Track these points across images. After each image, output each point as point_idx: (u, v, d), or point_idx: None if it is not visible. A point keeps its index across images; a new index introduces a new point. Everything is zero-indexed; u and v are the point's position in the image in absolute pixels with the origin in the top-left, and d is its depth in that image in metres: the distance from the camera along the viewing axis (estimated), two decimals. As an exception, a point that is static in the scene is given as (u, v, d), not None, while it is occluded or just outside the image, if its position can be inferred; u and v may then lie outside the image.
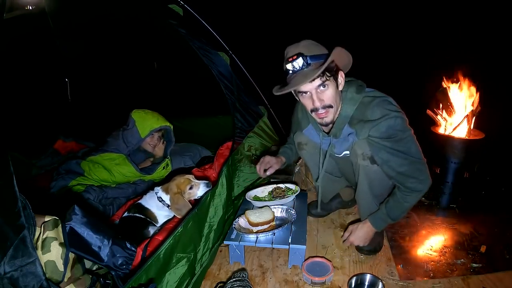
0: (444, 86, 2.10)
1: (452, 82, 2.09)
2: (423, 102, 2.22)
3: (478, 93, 2.01)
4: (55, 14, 2.47)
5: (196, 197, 1.62)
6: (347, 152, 1.43)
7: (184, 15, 2.01)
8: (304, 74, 1.23)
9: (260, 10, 5.31)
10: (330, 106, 1.31)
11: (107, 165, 2.04)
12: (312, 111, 1.33)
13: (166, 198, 1.59)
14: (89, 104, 2.96)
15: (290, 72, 1.27)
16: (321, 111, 1.31)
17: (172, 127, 2.26)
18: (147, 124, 2.15)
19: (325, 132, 1.47)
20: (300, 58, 1.22)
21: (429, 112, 2.15)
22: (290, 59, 1.24)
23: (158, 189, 1.63)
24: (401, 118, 1.26)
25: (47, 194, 1.91)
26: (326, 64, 1.20)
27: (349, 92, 1.35)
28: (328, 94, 1.28)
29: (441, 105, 2.12)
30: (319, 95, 1.28)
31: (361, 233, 1.48)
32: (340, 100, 1.35)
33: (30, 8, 2.24)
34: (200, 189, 1.61)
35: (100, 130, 2.37)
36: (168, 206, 1.58)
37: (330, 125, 1.39)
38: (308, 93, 1.29)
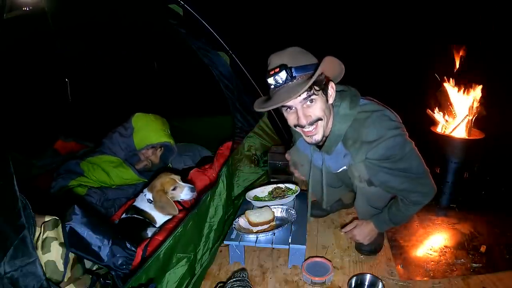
0: (444, 86, 2.10)
1: (452, 82, 2.10)
2: (423, 102, 2.22)
3: (478, 93, 2.01)
4: (55, 14, 2.47)
5: (179, 200, 1.62)
6: (345, 167, 1.36)
7: (184, 15, 2.01)
8: (288, 89, 1.10)
9: (260, 10, 5.30)
10: (319, 119, 1.18)
11: (105, 167, 2.04)
12: (295, 126, 1.21)
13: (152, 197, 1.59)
14: (89, 104, 2.96)
15: (272, 86, 1.14)
16: (308, 128, 1.19)
17: (172, 143, 2.17)
18: (144, 137, 2.10)
19: (317, 146, 1.36)
20: (283, 71, 1.09)
21: (429, 112, 2.15)
22: (272, 72, 1.11)
23: (145, 190, 1.62)
24: (399, 136, 1.17)
25: (47, 194, 1.91)
26: (314, 78, 1.06)
27: (341, 107, 1.23)
28: (316, 108, 1.16)
29: (441, 105, 2.12)
30: (305, 110, 1.16)
31: (365, 231, 1.45)
32: (331, 113, 1.24)
33: (30, 8, 2.24)
34: (183, 192, 1.60)
35: (100, 130, 2.37)
36: None
37: (323, 139, 1.28)
38: (293, 108, 1.17)
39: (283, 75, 1.10)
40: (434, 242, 1.66)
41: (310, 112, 1.17)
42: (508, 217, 1.82)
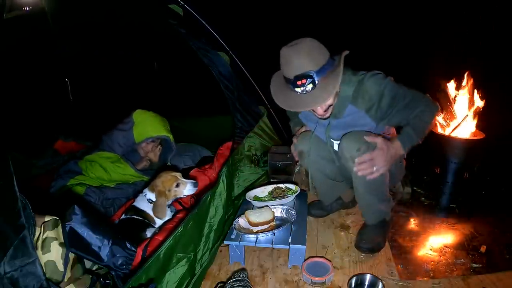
0: (444, 86, 2.10)
1: (452, 82, 2.09)
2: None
3: (478, 93, 2.01)
4: (55, 14, 2.47)
5: (183, 196, 1.62)
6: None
7: (184, 15, 2.01)
8: (314, 98, 1.24)
9: (259, 10, 5.31)
10: (330, 105, 1.35)
11: (102, 163, 2.04)
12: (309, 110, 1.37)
13: (154, 197, 1.59)
14: (89, 104, 2.96)
15: (298, 92, 1.25)
16: (322, 113, 1.36)
17: (171, 137, 2.20)
18: (144, 130, 2.12)
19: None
20: (310, 82, 1.21)
21: (429, 112, 2.15)
22: (299, 83, 1.21)
23: (145, 190, 1.62)
24: (390, 81, 1.33)
25: (47, 194, 1.91)
26: (336, 88, 1.24)
27: (346, 75, 1.36)
28: (329, 100, 1.30)
29: (441, 105, 2.12)
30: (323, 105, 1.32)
31: (390, 153, 1.31)
32: (337, 93, 1.36)
33: (30, 8, 2.24)
34: (186, 188, 1.61)
35: (101, 130, 2.37)
36: None
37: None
38: None
39: (309, 86, 1.22)
40: (434, 242, 1.65)
41: (326, 104, 1.32)
42: (508, 217, 1.82)
